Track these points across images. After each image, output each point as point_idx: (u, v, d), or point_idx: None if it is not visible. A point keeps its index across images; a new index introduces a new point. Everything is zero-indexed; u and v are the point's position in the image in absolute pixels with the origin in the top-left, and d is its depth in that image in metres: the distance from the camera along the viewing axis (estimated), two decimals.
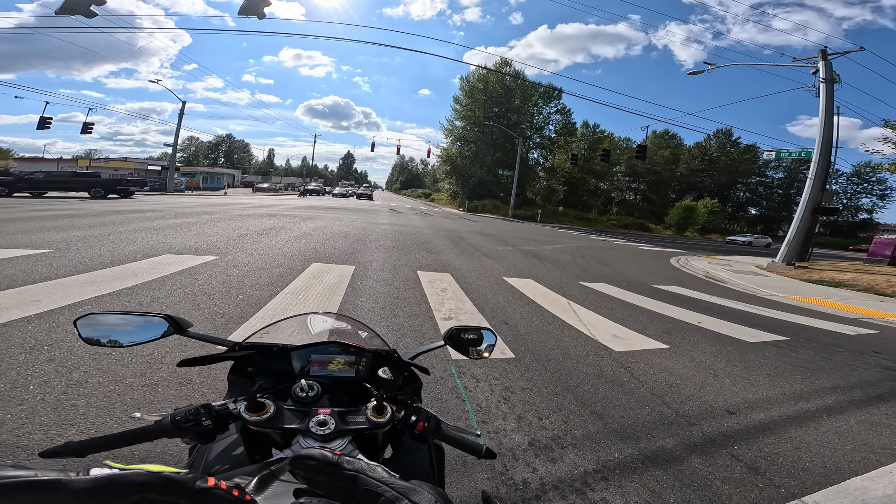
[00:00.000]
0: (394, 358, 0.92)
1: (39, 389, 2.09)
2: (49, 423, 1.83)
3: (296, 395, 0.73)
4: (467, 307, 4.67)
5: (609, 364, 3.43)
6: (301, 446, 0.62)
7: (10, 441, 1.66)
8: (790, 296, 8.38)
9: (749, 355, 4.07)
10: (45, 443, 1.69)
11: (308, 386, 0.74)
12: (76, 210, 11.09)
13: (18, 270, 4.17)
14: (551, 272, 8.02)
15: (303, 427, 0.63)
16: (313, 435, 0.62)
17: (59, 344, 2.61)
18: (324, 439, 0.62)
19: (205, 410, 0.64)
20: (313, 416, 0.65)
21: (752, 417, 2.76)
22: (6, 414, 1.85)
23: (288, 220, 12.51)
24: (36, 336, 2.69)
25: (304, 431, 0.63)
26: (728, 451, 2.31)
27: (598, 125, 55.23)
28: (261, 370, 0.86)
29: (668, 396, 2.94)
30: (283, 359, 0.86)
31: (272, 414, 0.63)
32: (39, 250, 5.24)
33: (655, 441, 2.34)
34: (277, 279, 4.97)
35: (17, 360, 2.36)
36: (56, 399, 2.02)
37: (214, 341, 0.88)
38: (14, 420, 1.81)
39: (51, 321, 2.95)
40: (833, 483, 2.12)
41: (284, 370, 0.85)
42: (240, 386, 0.85)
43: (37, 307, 3.17)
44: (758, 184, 61.95)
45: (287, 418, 0.65)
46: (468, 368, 2.97)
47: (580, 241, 17.44)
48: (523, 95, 43.24)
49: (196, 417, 0.62)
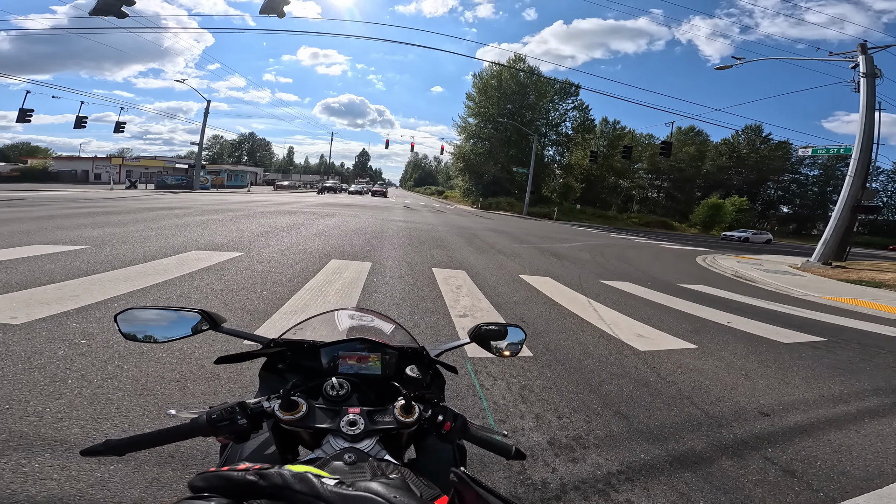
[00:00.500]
0: (420, 355, 0.91)
1: (77, 383, 2.16)
2: (85, 416, 1.89)
3: (326, 393, 0.73)
4: (483, 304, 4.63)
5: (634, 363, 3.34)
6: (332, 446, 0.62)
7: (48, 435, 1.72)
8: (827, 296, 7.98)
9: (784, 356, 3.89)
10: (82, 437, 1.74)
11: (338, 384, 0.74)
12: (111, 207, 11.60)
13: (58, 266, 4.39)
14: (569, 270, 7.88)
15: (333, 427, 0.64)
16: (343, 435, 0.62)
17: (96, 338, 2.70)
18: (353, 439, 0.62)
19: (240, 409, 0.64)
20: (343, 416, 0.65)
21: (787, 419, 2.64)
22: (45, 407, 1.91)
23: (307, 217, 12.76)
24: (74, 331, 2.79)
25: (335, 431, 0.63)
26: (762, 453, 2.22)
27: (619, 121, 54.12)
28: (291, 367, 0.87)
29: (697, 397, 2.83)
30: (312, 355, 0.86)
31: (304, 413, 0.64)
32: (78, 246, 5.50)
33: (684, 442, 2.26)
34: (299, 275, 5.07)
35: (57, 354, 2.44)
36: (92, 393, 2.09)
37: (247, 337, 0.89)
38: (53, 413, 1.87)
39: (88, 316, 3.07)
40: (875, 487, 2.00)
41: (314, 367, 0.85)
42: (271, 383, 0.87)
43: (75, 302, 3.31)
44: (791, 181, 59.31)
45: (319, 417, 0.65)
46: (484, 366, 2.94)
47: (599, 239, 17.10)
48: (538, 92, 42.62)
49: (232, 416, 0.63)
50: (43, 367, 2.27)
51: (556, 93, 44.03)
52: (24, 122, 23.43)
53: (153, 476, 1.53)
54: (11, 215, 8.45)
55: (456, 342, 1.02)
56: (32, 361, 2.31)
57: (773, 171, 55.71)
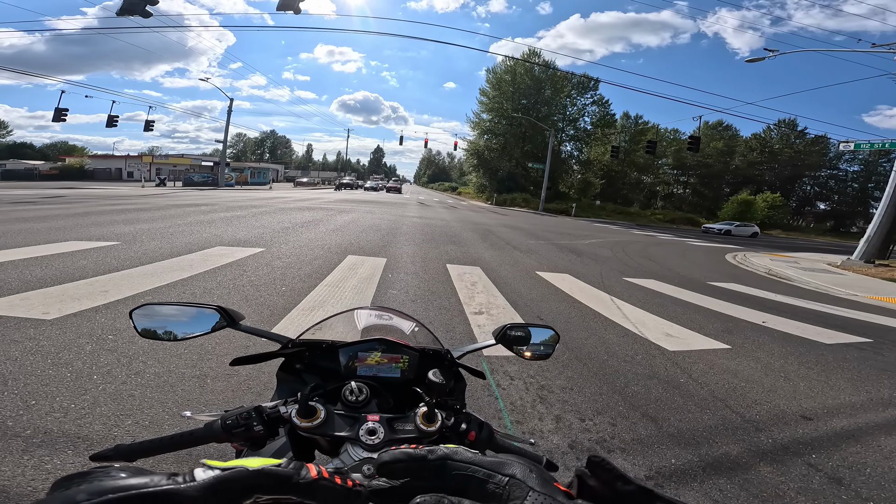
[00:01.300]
0: (443, 358, 0.85)
1: (102, 379, 2.18)
2: (108, 413, 1.90)
3: (345, 397, 0.70)
4: (499, 301, 4.54)
5: (662, 364, 3.19)
6: (350, 456, 0.59)
7: (72, 431, 1.74)
8: (871, 295, 7.50)
9: (826, 357, 3.65)
10: (104, 433, 1.75)
11: (357, 389, 0.71)
12: (142, 204, 12.05)
13: (90, 262, 4.55)
14: (590, 267, 7.67)
15: (352, 435, 0.61)
16: (362, 444, 0.60)
17: (122, 334, 2.75)
18: (372, 449, 0.59)
19: (256, 414, 0.61)
20: (362, 424, 0.62)
21: (832, 424, 2.46)
22: (71, 403, 1.94)
23: (325, 214, 12.92)
24: (102, 326, 2.85)
25: (354, 440, 0.60)
26: (804, 459, 2.07)
27: (641, 116, 52.75)
28: (309, 368, 0.84)
29: (731, 400, 2.68)
30: (330, 356, 0.83)
31: (322, 420, 0.61)
32: (109, 242, 5.70)
33: (718, 447, 2.13)
34: (317, 271, 5.10)
35: (85, 349, 2.49)
36: (116, 389, 2.09)
37: (265, 336, 0.86)
38: (77, 410, 1.90)
39: (116, 311, 3.14)
40: None
41: (332, 368, 0.82)
42: (288, 384, 0.84)
43: (104, 297, 3.40)
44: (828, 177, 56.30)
45: (337, 424, 0.62)
46: (501, 365, 2.85)
47: (621, 236, 16.66)
48: (554, 86, 41.79)
49: (248, 422, 0.60)
50: (71, 363, 2.31)
51: (574, 87, 43.12)
52: (60, 122, 24.31)
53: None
54: (51, 212, 8.87)
55: (480, 344, 0.95)
56: (61, 357, 2.36)
57: (809, 167, 53.02)
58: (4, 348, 2.37)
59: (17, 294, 3.27)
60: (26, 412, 1.82)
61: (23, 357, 2.29)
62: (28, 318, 2.81)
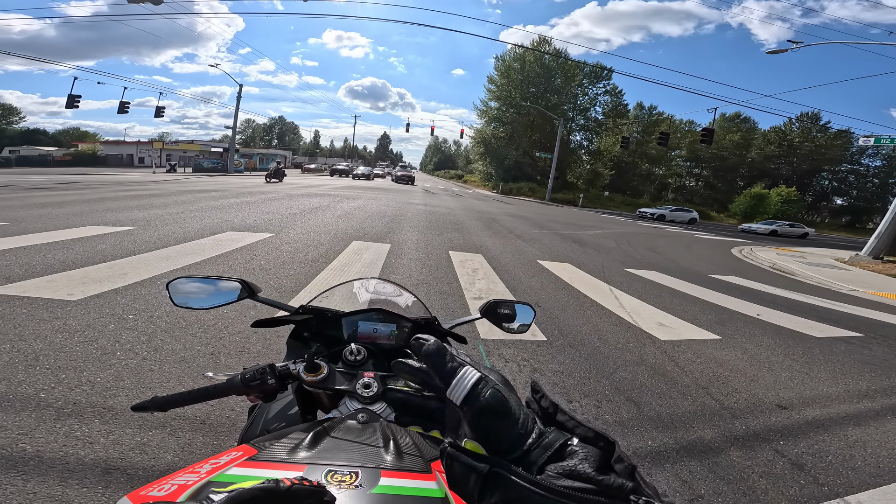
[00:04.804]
0: (433, 326, 0.98)
1: (124, 355, 2.34)
2: (131, 386, 2.08)
3: (345, 357, 0.80)
4: (498, 288, 4.68)
5: (652, 352, 3.32)
6: (347, 407, 0.69)
7: (98, 402, 1.91)
8: (872, 291, 7.49)
9: (813, 350, 3.75)
10: (127, 405, 1.89)
11: (356, 349, 0.81)
12: (154, 190, 12.30)
13: (109, 246, 4.77)
14: (592, 257, 7.76)
15: (350, 389, 0.70)
16: (359, 397, 0.69)
17: (142, 314, 2.94)
18: (367, 401, 0.69)
19: (269, 370, 0.72)
20: (359, 379, 0.71)
21: (805, 413, 2.58)
22: (97, 377, 2.11)
23: (332, 200, 13.07)
24: (123, 306, 3.03)
25: (351, 393, 0.69)
26: (772, 445, 2.20)
27: (656, 107, 51.46)
28: (315, 335, 0.96)
29: (713, 388, 2.81)
30: (334, 325, 0.95)
31: (325, 375, 0.70)
32: (125, 227, 5.93)
33: (694, 431, 2.26)
34: (323, 255, 5.28)
35: (108, 328, 2.67)
36: (137, 364, 2.26)
37: (278, 306, 1.00)
38: (103, 383, 2.07)
39: (135, 293, 3.34)
40: (882, 484, 1.97)
41: (336, 335, 0.94)
42: (297, 350, 0.96)
43: (124, 280, 3.60)
44: (848, 172, 54.73)
45: (338, 380, 0.72)
46: (497, 348, 3.01)
47: (627, 227, 16.60)
48: (565, 75, 40.89)
49: (262, 376, 0.71)
50: (95, 341, 2.48)
51: (586, 76, 42.22)
52: (73, 108, 24.54)
53: (185, 441, 1.70)
54: (66, 198, 9.14)
55: (467, 317, 1.10)
56: (87, 335, 2.54)
57: (830, 161, 51.52)
58: (34, 327, 2.56)
59: (43, 277, 3.48)
60: (57, 385, 2.00)
61: (52, 335, 2.48)
62: (55, 300, 3.01)
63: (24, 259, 3.94)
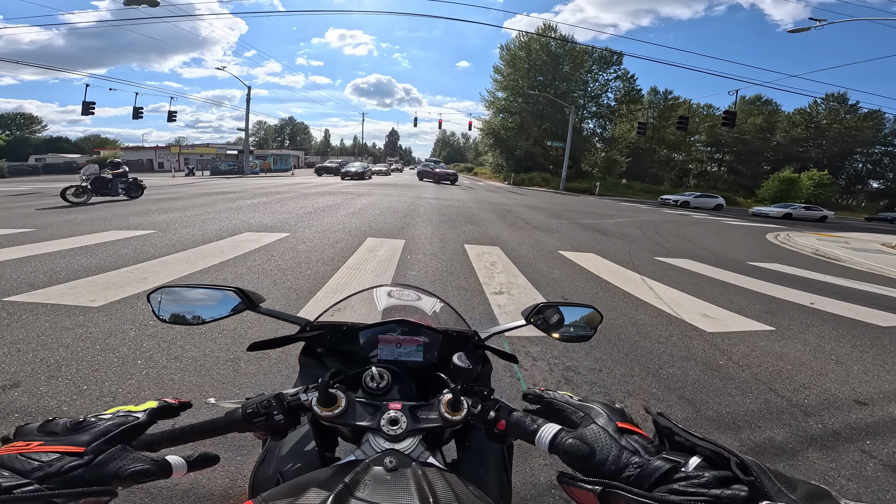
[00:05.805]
0: (469, 340, 0.80)
1: (145, 364, 2.27)
2: (151, 396, 1.95)
3: (366, 384, 0.67)
4: (520, 281, 4.45)
5: (700, 345, 3.05)
6: (372, 446, 0.57)
7: None
8: None
9: (882, 341, 3.40)
10: None
11: (378, 374, 0.68)
12: (174, 193, 12.53)
13: (130, 250, 4.76)
14: (617, 246, 7.42)
15: (373, 425, 0.58)
16: (384, 434, 0.57)
17: None
18: (394, 439, 0.57)
19: (276, 402, 0.59)
20: (384, 413, 0.60)
21: (889, 410, 2.30)
22: (118, 388, 2.03)
23: (344, 198, 13.06)
24: (144, 312, 2.94)
25: (375, 430, 0.58)
26: (858, 445, 1.94)
27: (671, 91, 49.81)
28: (330, 351, 0.82)
29: (776, 383, 2.53)
30: (351, 339, 0.79)
31: (343, 409, 0.59)
32: (146, 231, 5.96)
33: (762, 432, 2.02)
34: (339, 254, 5.17)
35: (129, 335, 2.60)
36: (158, 373, 2.18)
37: (285, 318, 0.82)
38: (125, 394, 1.98)
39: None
40: None
41: (353, 351, 0.79)
42: (310, 369, 0.81)
43: (145, 284, 3.55)
44: (883, 154, 51.78)
45: (358, 413, 0.60)
46: (523, 345, 2.78)
47: (651, 215, 16.03)
48: (574, 62, 40.01)
49: (268, 411, 0.58)
50: (117, 349, 2.41)
51: (595, 62, 41.15)
52: (89, 115, 24.83)
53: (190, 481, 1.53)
54: (90, 203, 9.34)
55: (508, 325, 0.88)
56: (108, 343, 2.47)
57: (861, 143, 48.86)
58: (57, 335, 2.50)
59: (67, 283, 3.45)
60: (79, 397, 1.92)
61: (74, 344, 2.42)
62: (77, 306, 2.96)
63: (49, 265, 3.95)
